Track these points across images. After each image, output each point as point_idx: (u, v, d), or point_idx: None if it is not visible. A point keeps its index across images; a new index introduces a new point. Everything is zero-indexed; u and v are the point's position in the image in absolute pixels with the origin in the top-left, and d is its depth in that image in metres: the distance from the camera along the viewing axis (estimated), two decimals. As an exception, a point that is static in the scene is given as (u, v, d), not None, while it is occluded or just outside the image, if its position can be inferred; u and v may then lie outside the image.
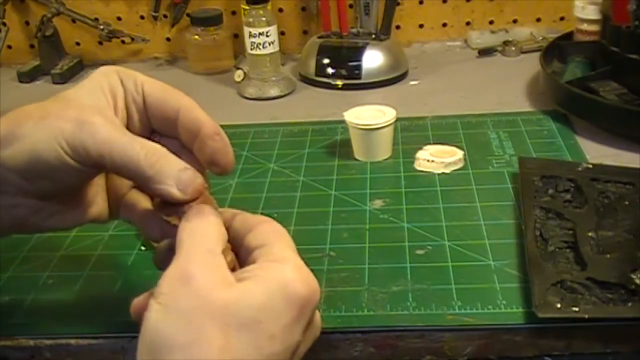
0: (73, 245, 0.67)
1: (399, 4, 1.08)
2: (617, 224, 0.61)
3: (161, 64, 1.16)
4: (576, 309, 0.51)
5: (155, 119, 0.45)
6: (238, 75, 1.04)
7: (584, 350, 0.53)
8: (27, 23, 1.17)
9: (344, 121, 0.78)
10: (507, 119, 0.86)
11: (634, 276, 0.54)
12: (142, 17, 1.15)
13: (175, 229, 0.42)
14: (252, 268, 0.39)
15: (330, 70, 1.01)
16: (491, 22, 1.13)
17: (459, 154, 0.76)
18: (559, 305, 0.52)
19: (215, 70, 1.10)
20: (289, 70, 1.08)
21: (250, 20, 0.96)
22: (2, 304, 0.59)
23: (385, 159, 0.78)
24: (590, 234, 0.59)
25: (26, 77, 1.11)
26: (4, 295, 0.60)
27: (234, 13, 1.13)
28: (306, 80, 1.04)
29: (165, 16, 1.15)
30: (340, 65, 1.00)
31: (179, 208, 0.42)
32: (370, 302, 0.56)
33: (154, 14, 1.14)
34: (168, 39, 1.17)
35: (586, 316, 0.51)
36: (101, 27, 1.12)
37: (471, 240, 0.63)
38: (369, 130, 0.76)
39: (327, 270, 0.60)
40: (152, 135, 0.46)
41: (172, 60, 1.17)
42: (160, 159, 0.41)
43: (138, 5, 1.14)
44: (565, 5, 1.06)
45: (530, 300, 0.53)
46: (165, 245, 0.45)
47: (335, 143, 0.83)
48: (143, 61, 1.16)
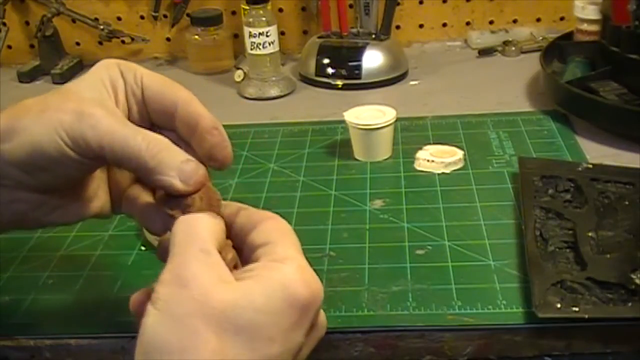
0: (73, 245, 0.67)
1: (399, 4, 1.08)
2: (617, 224, 0.61)
3: (161, 64, 1.16)
4: (576, 309, 0.51)
5: (153, 112, 0.44)
6: (238, 75, 1.04)
7: (584, 350, 0.53)
8: (27, 23, 1.17)
9: (344, 121, 0.78)
10: (507, 119, 0.86)
11: (634, 276, 0.54)
12: (142, 17, 1.15)
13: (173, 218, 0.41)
14: (254, 267, 0.38)
15: (330, 70, 1.01)
16: (491, 22, 1.13)
17: (459, 154, 0.76)
18: (559, 305, 0.52)
19: (215, 70, 1.10)
20: (289, 70, 1.08)
21: (250, 20, 0.96)
22: (2, 304, 0.59)
23: (385, 159, 0.78)
24: (590, 234, 0.59)
25: (26, 77, 1.11)
26: (4, 295, 0.60)
27: (234, 13, 1.13)
28: (306, 80, 1.04)
29: (165, 16, 1.15)
30: (340, 65, 1.00)
31: (182, 200, 0.41)
32: (370, 302, 0.56)
33: (154, 14, 1.14)
34: (168, 39, 1.17)
35: (586, 316, 0.51)
36: (101, 27, 1.12)
37: (471, 240, 0.63)
38: (369, 130, 0.76)
39: (327, 270, 0.60)
40: (151, 129, 0.45)
41: (172, 60, 1.17)
42: (162, 150, 0.41)
43: (138, 5, 1.14)
44: (565, 5, 1.06)
45: (530, 300, 0.53)
46: (168, 238, 0.45)
47: (335, 143, 0.83)
48: (143, 61, 1.16)
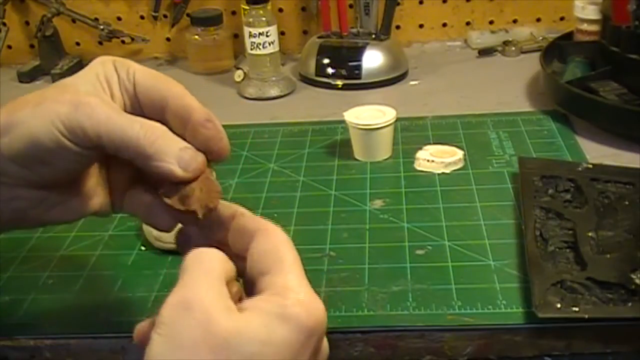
0: (73, 245, 0.67)
1: (399, 4, 1.08)
2: (617, 224, 0.61)
3: (161, 64, 1.16)
4: (576, 309, 0.51)
5: (145, 106, 0.44)
6: (238, 75, 1.04)
7: (584, 350, 0.53)
8: (27, 23, 1.17)
9: (344, 121, 0.78)
10: (507, 119, 0.86)
11: (634, 276, 0.54)
12: (142, 17, 1.15)
13: (183, 215, 0.42)
14: (256, 300, 0.38)
15: (330, 70, 1.01)
16: (491, 22, 1.13)
17: (459, 154, 0.76)
18: (559, 305, 0.52)
19: (215, 70, 1.10)
20: (289, 70, 1.08)
21: (250, 20, 0.96)
22: (2, 304, 0.59)
23: (385, 159, 0.78)
24: (590, 234, 0.59)
25: (26, 77, 1.11)
26: (4, 295, 0.60)
27: (234, 13, 1.13)
28: (306, 80, 1.04)
29: (165, 16, 1.15)
30: (340, 65, 1.00)
31: (181, 188, 0.42)
32: (370, 302, 0.56)
33: (154, 14, 1.14)
34: (168, 39, 1.17)
35: (586, 316, 0.51)
36: (101, 27, 1.12)
37: (471, 240, 0.63)
38: (369, 130, 0.76)
39: (327, 270, 0.60)
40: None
41: (172, 60, 1.17)
42: (160, 137, 0.41)
43: (138, 5, 1.14)
44: (565, 5, 1.06)
45: (530, 300, 0.53)
46: (180, 231, 0.46)
47: (335, 143, 0.83)
48: (143, 61, 1.16)
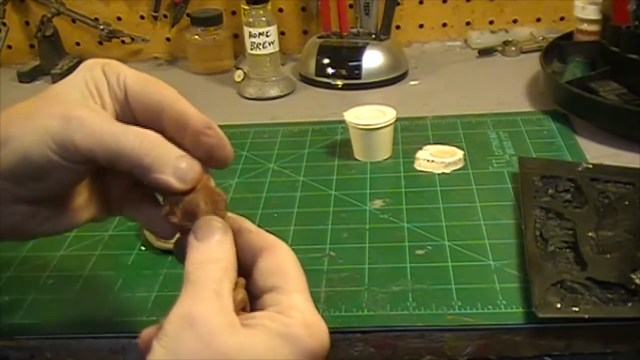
0: (73, 245, 0.67)
1: (399, 4, 1.08)
2: (617, 224, 0.61)
3: (161, 64, 1.16)
4: (576, 309, 0.51)
5: (138, 113, 0.42)
6: (238, 75, 1.04)
7: (584, 350, 0.53)
8: (27, 23, 1.17)
9: (344, 121, 0.78)
10: (507, 119, 0.86)
11: (634, 276, 0.54)
12: (142, 17, 1.15)
13: (181, 226, 0.41)
14: (259, 315, 0.37)
15: (330, 70, 1.01)
16: (491, 22, 1.13)
17: (459, 154, 0.76)
18: (559, 305, 0.52)
19: (215, 70, 1.10)
20: (289, 70, 1.08)
21: (250, 20, 0.96)
22: (2, 304, 0.59)
23: (385, 159, 0.78)
24: (590, 234, 0.59)
25: (26, 77, 1.11)
26: (4, 295, 0.60)
27: (234, 13, 1.13)
28: (306, 80, 1.04)
29: (165, 16, 1.15)
30: (340, 65, 1.00)
31: (185, 202, 0.40)
32: (370, 302, 0.56)
33: (154, 14, 1.14)
34: (168, 39, 1.17)
35: (586, 316, 0.51)
36: (101, 27, 1.12)
37: (471, 240, 0.63)
38: (369, 130, 0.76)
39: (327, 270, 0.60)
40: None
41: (172, 60, 1.17)
42: (156, 147, 0.40)
43: (138, 5, 1.14)
44: (565, 5, 1.06)
45: (530, 300, 0.53)
46: (180, 242, 0.43)
47: (335, 143, 0.83)
48: (143, 61, 1.16)
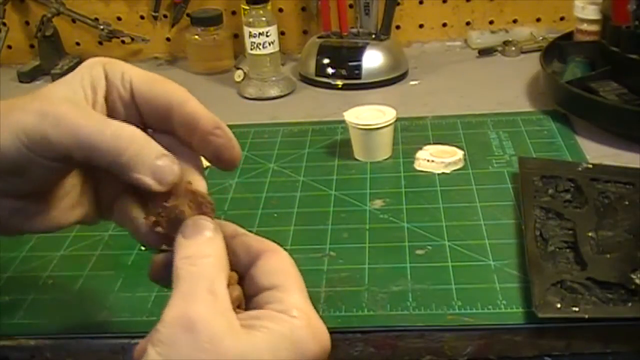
0: (73, 245, 0.67)
1: (399, 4, 1.08)
2: (617, 224, 0.61)
3: (161, 64, 1.16)
4: (576, 309, 0.51)
5: (146, 115, 0.41)
6: (238, 75, 1.04)
7: (584, 350, 0.53)
8: (27, 23, 1.17)
9: (344, 121, 0.78)
10: (507, 119, 0.86)
11: (634, 276, 0.54)
12: (142, 17, 1.15)
13: (169, 237, 0.38)
14: (260, 315, 0.36)
15: (330, 70, 1.01)
16: (491, 22, 1.13)
17: (459, 154, 0.76)
18: (559, 305, 0.52)
19: (215, 70, 1.10)
20: (289, 70, 1.08)
21: (250, 20, 0.96)
22: (2, 304, 0.59)
23: (385, 159, 0.78)
24: (590, 234, 0.59)
25: (26, 77, 1.11)
26: (4, 295, 0.60)
27: (234, 13, 1.13)
28: (306, 80, 1.04)
29: (165, 16, 1.15)
30: (340, 65, 1.00)
31: (164, 206, 0.39)
32: (370, 302, 0.56)
33: (154, 14, 1.14)
34: (168, 39, 1.17)
35: (586, 316, 0.51)
36: (101, 27, 1.12)
37: (471, 240, 0.63)
38: (369, 130, 0.76)
39: (327, 270, 0.60)
40: (146, 131, 0.41)
41: (172, 60, 1.17)
42: (133, 144, 0.38)
43: (138, 5, 1.14)
44: (565, 5, 1.06)
45: (530, 300, 0.53)
46: (162, 260, 0.41)
47: (335, 143, 0.83)
48: (143, 61, 1.16)
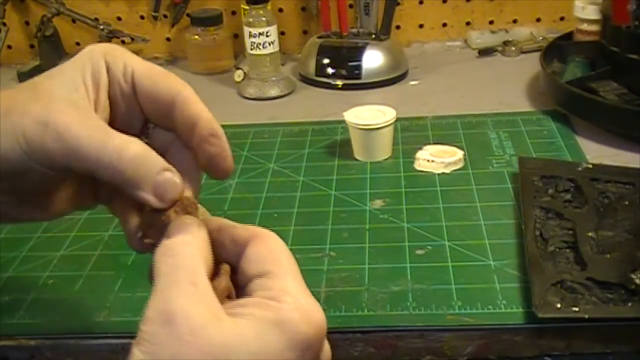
0: (73, 245, 0.67)
1: (399, 4, 1.08)
2: (617, 224, 0.61)
3: (161, 64, 1.15)
4: (576, 309, 0.51)
5: (147, 109, 0.40)
6: (238, 75, 1.03)
7: (584, 350, 0.53)
8: (27, 23, 1.17)
9: (344, 121, 0.78)
10: (507, 119, 0.86)
11: (634, 276, 0.54)
12: (142, 17, 1.15)
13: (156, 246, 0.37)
14: (247, 302, 0.34)
15: (330, 70, 1.01)
16: (491, 22, 1.13)
17: (459, 154, 0.76)
18: (559, 305, 0.52)
19: (215, 70, 1.10)
20: (289, 70, 1.08)
21: (250, 20, 0.96)
22: (2, 304, 0.59)
23: (385, 159, 0.78)
24: (590, 234, 0.59)
25: (26, 77, 1.10)
26: (4, 295, 0.60)
27: (234, 13, 1.13)
28: (306, 80, 1.04)
29: (165, 16, 1.15)
30: (340, 65, 1.00)
31: (158, 217, 0.38)
32: (370, 302, 0.56)
33: (154, 14, 1.14)
34: (168, 39, 1.17)
35: (586, 316, 0.51)
36: (101, 27, 1.12)
37: (471, 240, 0.63)
38: (369, 130, 0.76)
39: (327, 270, 0.60)
40: (146, 125, 0.41)
41: (172, 60, 1.17)
42: (135, 161, 0.37)
43: (138, 5, 1.14)
44: (565, 5, 1.06)
45: (530, 300, 0.53)
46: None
47: (335, 143, 0.83)
48: (143, 61, 1.16)
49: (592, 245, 0.58)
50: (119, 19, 1.15)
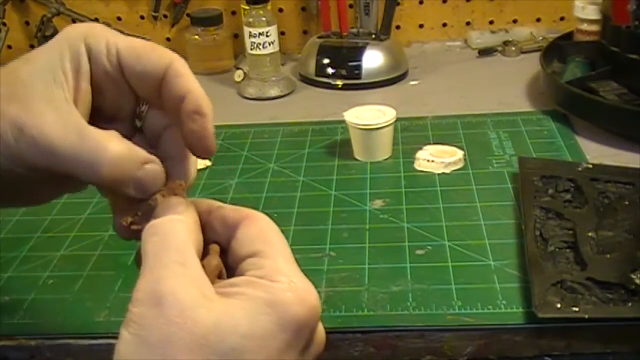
0: (73, 245, 0.67)
1: (399, 4, 1.08)
2: (617, 224, 0.61)
3: (161, 64, 1.16)
4: (576, 309, 0.51)
5: (138, 88, 0.38)
6: (238, 75, 1.04)
7: (584, 350, 0.53)
8: (27, 23, 1.17)
9: (344, 121, 0.78)
10: (507, 119, 0.86)
11: (634, 276, 0.54)
12: (142, 17, 1.15)
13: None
14: (238, 282, 0.34)
15: (330, 70, 1.01)
16: (491, 22, 1.13)
17: (459, 154, 0.76)
18: (559, 305, 0.52)
19: (215, 70, 1.10)
20: (289, 70, 1.08)
21: (250, 20, 0.96)
22: (2, 304, 0.59)
23: (385, 159, 0.78)
24: (590, 234, 0.59)
25: (26, 77, 1.11)
26: (4, 295, 0.60)
27: (234, 13, 1.13)
28: (306, 80, 1.04)
29: (165, 16, 1.15)
30: (340, 65, 1.00)
31: (146, 201, 0.37)
32: (370, 302, 0.56)
33: (154, 14, 1.14)
34: (168, 39, 1.17)
35: (586, 316, 0.51)
36: (101, 27, 1.12)
37: (471, 240, 0.63)
38: (369, 130, 0.76)
39: (327, 270, 0.60)
40: (140, 106, 0.40)
41: (172, 60, 1.17)
42: (114, 160, 0.35)
43: (138, 5, 1.14)
44: (565, 5, 1.06)
45: (530, 300, 0.53)
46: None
47: (335, 143, 0.83)
48: (143, 61, 1.16)
49: (592, 245, 0.58)
50: (119, 19, 1.15)
